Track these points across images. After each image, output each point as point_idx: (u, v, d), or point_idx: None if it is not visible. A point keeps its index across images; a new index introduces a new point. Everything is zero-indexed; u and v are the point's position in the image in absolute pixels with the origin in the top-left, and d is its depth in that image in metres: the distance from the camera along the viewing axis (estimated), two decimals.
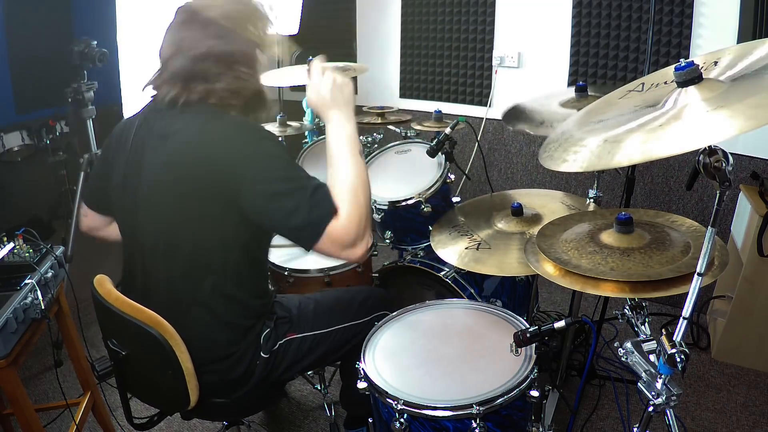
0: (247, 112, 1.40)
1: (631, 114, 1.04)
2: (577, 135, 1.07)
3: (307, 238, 1.21)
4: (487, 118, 3.22)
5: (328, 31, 3.79)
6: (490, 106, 3.20)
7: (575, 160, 1.00)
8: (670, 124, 0.90)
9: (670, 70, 1.10)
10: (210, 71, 1.28)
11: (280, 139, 2.70)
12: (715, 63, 1.02)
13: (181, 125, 1.28)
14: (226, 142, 1.24)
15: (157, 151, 1.29)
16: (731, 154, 0.94)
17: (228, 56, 1.30)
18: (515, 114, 1.92)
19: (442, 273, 1.90)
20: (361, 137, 2.39)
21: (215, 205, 1.24)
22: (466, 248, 1.67)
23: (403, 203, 1.96)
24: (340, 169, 1.29)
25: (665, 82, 1.10)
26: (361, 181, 1.27)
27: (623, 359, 1.12)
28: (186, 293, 1.33)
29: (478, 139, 3.25)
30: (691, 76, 0.95)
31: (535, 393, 1.24)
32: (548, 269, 1.27)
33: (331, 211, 1.21)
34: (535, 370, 1.26)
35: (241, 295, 1.37)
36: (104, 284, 1.36)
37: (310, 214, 1.20)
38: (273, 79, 2.57)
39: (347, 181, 1.27)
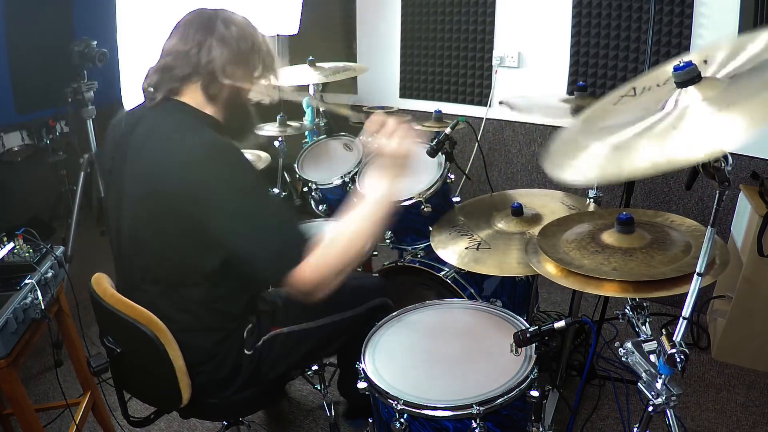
0: (227, 130, 1.37)
1: (633, 118, 1.02)
2: (584, 142, 1.05)
3: (274, 274, 1.21)
4: (487, 118, 3.22)
5: (328, 31, 3.79)
6: (490, 106, 3.20)
7: (589, 169, 0.97)
8: (680, 129, 0.88)
9: (662, 72, 1.09)
10: (186, 68, 1.28)
11: (280, 139, 2.71)
12: (705, 62, 1.01)
13: (160, 133, 1.26)
14: (199, 167, 1.19)
15: (133, 159, 1.29)
16: (731, 154, 0.94)
17: (212, 62, 1.29)
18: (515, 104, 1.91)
19: (442, 273, 1.90)
20: (361, 137, 2.39)
21: (187, 225, 1.22)
22: (466, 248, 1.67)
23: (403, 203, 1.96)
24: (347, 223, 1.26)
25: (657, 85, 1.10)
26: (353, 247, 1.23)
27: (623, 359, 1.12)
28: (166, 301, 1.33)
29: (478, 139, 3.25)
30: (691, 76, 0.95)
31: (535, 393, 1.24)
32: (550, 270, 1.27)
33: (297, 256, 1.18)
34: (535, 370, 1.26)
35: (225, 303, 1.37)
36: (101, 282, 1.37)
37: (273, 257, 1.20)
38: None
39: (342, 236, 1.24)
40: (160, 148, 1.25)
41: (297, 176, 2.34)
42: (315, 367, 1.93)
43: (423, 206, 1.93)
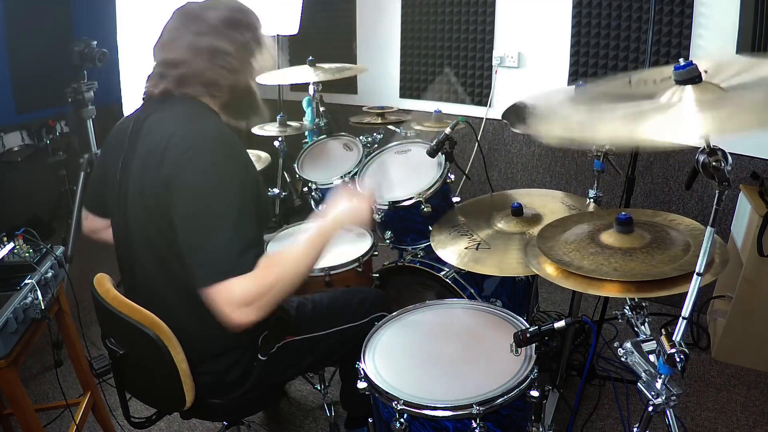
0: (234, 113, 1.39)
1: (622, 99, 1.04)
2: (568, 110, 1.06)
3: (204, 277, 1.13)
4: (487, 118, 3.22)
5: (328, 31, 3.79)
6: (490, 106, 3.20)
7: (564, 131, 0.98)
8: (660, 114, 0.90)
9: (661, 71, 1.10)
10: (186, 59, 1.28)
11: (280, 139, 2.71)
12: (705, 71, 1.01)
13: (161, 126, 1.27)
14: (183, 150, 1.20)
15: (139, 151, 1.30)
16: (731, 154, 0.94)
17: (209, 49, 1.29)
18: (515, 112, 1.92)
19: (442, 273, 1.90)
20: (360, 137, 2.39)
21: (165, 208, 1.22)
22: (466, 248, 1.67)
23: (403, 203, 1.96)
24: (293, 250, 1.25)
25: (654, 81, 1.10)
26: (296, 274, 1.21)
27: (623, 359, 1.12)
28: (174, 297, 1.33)
29: (478, 139, 3.25)
30: (691, 76, 0.95)
31: (535, 393, 1.24)
32: (551, 271, 1.26)
33: (244, 267, 1.13)
34: (535, 370, 1.26)
35: None
36: (103, 283, 1.37)
37: (219, 255, 1.13)
38: (272, 77, 2.58)
39: (287, 261, 1.22)
40: (160, 135, 1.25)
41: (297, 176, 2.34)
42: None
43: (423, 206, 1.93)
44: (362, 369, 1.33)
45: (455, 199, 2.08)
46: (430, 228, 1.87)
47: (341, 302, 1.63)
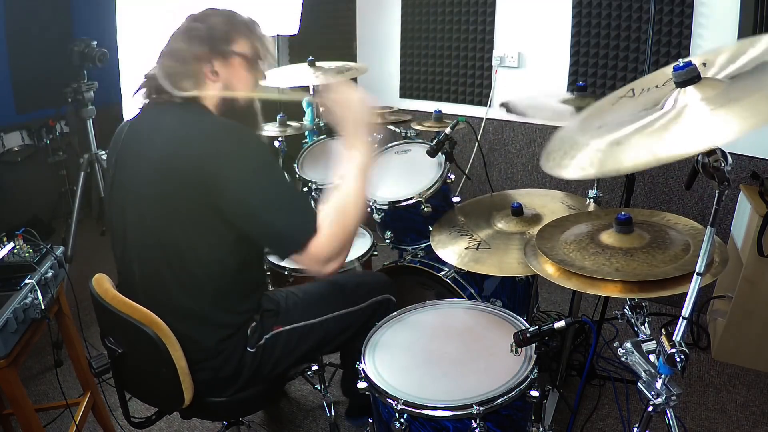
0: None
1: (632, 116, 1.03)
2: (582, 140, 1.05)
3: (285, 247, 1.25)
4: (487, 118, 3.22)
5: (328, 31, 3.79)
6: (490, 106, 3.20)
7: (585, 166, 0.97)
8: (677, 125, 0.89)
9: (661, 74, 1.09)
10: (190, 72, 1.32)
11: (280, 139, 2.71)
12: (704, 64, 1.01)
13: (167, 123, 1.30)
14: (211, 142, 1.23)
15: (143, 150, 1.31)
16: (731, 154, 0.94)
17: (207, 58, 1.33)
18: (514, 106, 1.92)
19: (442, 273, 1.90)
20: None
21: (199, 204, 1.24)
22: (466, 248, 1.67)
23: (403, 203, 1.96)
24: (341, 189, 1.31)
25: (656, 86, 1.10)
26: (354, 207, 1.29)
27: (623, 359, 1.12)
28: (174, 295, 1.33)
29: (478, 139, 3.25)
30: (690, 76, 0.95)
31: (535, 393, 1.24)
32: (551, 271, 1.26)
33: (313, 226, 1.24)
34: (535, 370, 1.26)
35: (231, 297, 1.37)
36: (102, 283, 1.37)
37: (290, 227, 1.23)
38: (273, 79, 2.58)
39: (341, 201, 1.29)
40: (171, 131, 1.28)
41: (297, 176, 2.34)
42: (315, 367, 1.93)
43: (423, 206, 1.93)
44: (362, 369, 1.33)
45: (455, 199, 2.08)
46: (430, 228, 1.87)
47: (335, 288, 1.60)
